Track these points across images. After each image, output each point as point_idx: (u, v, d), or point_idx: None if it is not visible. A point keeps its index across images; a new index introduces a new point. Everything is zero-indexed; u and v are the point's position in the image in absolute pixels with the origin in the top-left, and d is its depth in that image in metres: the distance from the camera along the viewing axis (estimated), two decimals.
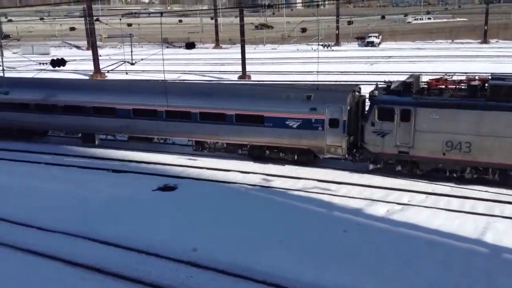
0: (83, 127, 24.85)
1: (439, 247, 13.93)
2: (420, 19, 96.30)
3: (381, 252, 13.68)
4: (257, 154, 22.19)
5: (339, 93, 20.54)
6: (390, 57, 58.31)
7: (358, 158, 20.37)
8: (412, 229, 15.08)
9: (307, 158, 21.42)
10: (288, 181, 19.89)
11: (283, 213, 16.47)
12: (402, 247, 13.94)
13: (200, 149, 23.35)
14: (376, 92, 19.60)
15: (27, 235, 15.43)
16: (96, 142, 25.18)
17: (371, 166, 20.10)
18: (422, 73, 22.32)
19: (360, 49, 71.07)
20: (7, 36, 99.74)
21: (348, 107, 19.96)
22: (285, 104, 20.96)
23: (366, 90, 21.30)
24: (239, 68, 47.76)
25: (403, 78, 21.16)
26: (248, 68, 47.93)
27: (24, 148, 25.57)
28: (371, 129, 19.41)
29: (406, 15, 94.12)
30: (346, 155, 20.46)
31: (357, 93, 21.00)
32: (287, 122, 20.79)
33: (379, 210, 16.67)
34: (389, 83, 20.08)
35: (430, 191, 18.34)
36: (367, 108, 20.51)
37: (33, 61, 38.58)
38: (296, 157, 21.50)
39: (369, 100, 19.82)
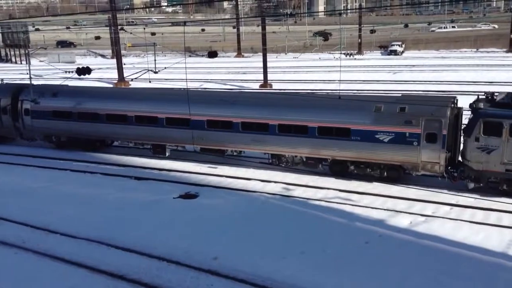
0: (154, 138, 24.17)
1: (463, 260, 13.63)
2: (444, 27, 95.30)
3: (403, 264, 13.45)
4: (339, 170, 21.00)
5: (438, 105, 19.06)
6: (413, 66, 57.75)
7: (457, 176, 19.11)
8: (435, 241, 14.80)
9: (398, 174, 20.10)
10: (308, 190, 19.78)
11: (304, 223, 16.37)
12: (425, 259, 13.67)
13: (276, 162, 22.25)
14: (481, 104, 18.25)
15: (50, 241, 15.67)
16: (167, 154, 24.34)
17: (471, 185, 18.73)
18: None
19: (383, 57, 70.60)
20: (71, 44, 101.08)
21: (448, 121, 18.70)
22: (376, 116, 19.67)
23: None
24: (261, 76, 47.94)
25: (427, 87, 20.86)
26: (269, 76, 48.08)
27: (46, 155, 26.08)
28: (475, 144, 18.02)
29: (430, 23, 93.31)
30: (444, 173, 19.18)
31: (454, 105, 19.57)
32: (377, 136, 19.50)
33: (402, 221, 16.44)
34: (489, 93, 18.86)
35: (454, 202, 18.02)
36: (465, 121, 19.32)
37: (59, 69, 39.45)
38: (385, 173, 20.19)
39: (472, 113, 18.52)
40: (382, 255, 14.02)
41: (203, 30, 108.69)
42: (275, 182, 20.79)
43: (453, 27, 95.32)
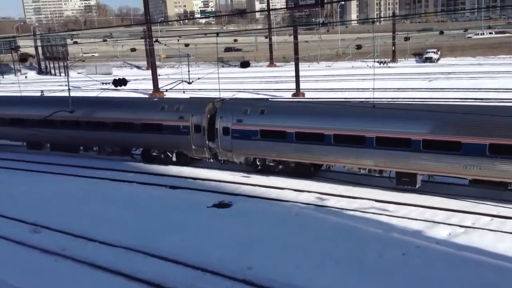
0: (402, 164, 19.76)
1: (505, 273, 13.18)
2: (481, 34, 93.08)
3: (442, 277, 13.10)
4: None
5: None
6: (449, 73, 56.55)
7: None
8: (475, 253, 14.37)
9: None
10: (342, 200, 19.55)
11: (339, 233, 16.16)
12: (465, 272, 13.29)
13: None
14: None
15: (89, 249, 16.01)
16: (418, 185, 19.88)
17: None
18: None
19: (418, 65, 69.37)
20: (238, 50, 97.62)
21: None
22: None
23: None
24: (293, 85, 47.91)
25: (465, 95, 20.19)
26: (302, 85, 48.00)
27: (85, 164, 26.73)
28: None
29: (466, 30, 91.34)
30: None
31: None
32: None
33: (441, 232, 16.02)
34: None
35: (495, 213, 17.45)
36: None
37: (97, 81, 40.44)
38: None
39: None
40: (419, 267, 13.69)
41: (235, 40, 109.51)
42: (309, 191, 20.64)
43: (490, 33, 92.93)
